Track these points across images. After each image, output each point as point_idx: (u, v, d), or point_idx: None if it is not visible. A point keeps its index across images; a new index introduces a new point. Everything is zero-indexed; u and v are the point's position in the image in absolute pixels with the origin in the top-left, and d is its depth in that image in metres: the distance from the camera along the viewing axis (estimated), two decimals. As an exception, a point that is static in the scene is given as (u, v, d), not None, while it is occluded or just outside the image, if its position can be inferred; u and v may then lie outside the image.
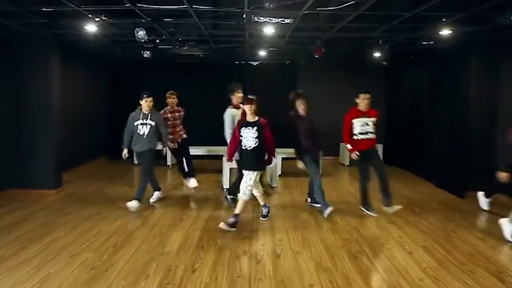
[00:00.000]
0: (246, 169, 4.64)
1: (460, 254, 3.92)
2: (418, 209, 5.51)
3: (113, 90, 9.66)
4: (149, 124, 5.37)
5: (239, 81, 9.46)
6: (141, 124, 5.38)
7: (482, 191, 5.45)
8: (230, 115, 5.39)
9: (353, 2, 4.16)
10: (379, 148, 8.97)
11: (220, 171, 6.73)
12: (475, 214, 5.28)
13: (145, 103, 5.39)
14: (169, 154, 8.61)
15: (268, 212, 5.06)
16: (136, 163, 8.79)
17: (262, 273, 3.52)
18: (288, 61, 9.60)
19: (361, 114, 5.20)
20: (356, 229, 4.67)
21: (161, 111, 6.01)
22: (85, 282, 3.27)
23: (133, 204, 5.21)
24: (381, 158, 5.78)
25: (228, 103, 5.60)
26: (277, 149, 8.13)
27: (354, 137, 5.13)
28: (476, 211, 5.40)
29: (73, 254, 3.84)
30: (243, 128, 4.57)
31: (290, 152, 8.39)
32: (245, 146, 4.59)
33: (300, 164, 5.28)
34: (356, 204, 5.62)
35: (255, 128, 4.54)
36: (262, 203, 5.03)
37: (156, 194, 5.78)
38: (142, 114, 5.43)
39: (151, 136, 5.37)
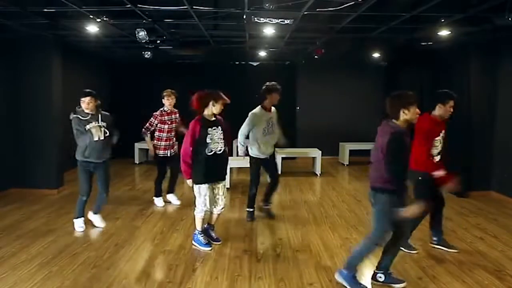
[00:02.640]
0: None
1: (459, 253, 3.94)
2: (418, 209, 5.52)
3: (114, 90, 9.68)
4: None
5: (239, 81, 9.58)
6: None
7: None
8: (255, 117, 4.89)
9: (352, 3, 4.18)
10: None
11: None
12: (474, 213, 5.30)
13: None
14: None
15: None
16: (137, 162, 8.84)
17: (262, 272, 3.55)
18: (288, 62, 9.63)
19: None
20: (355, 228, 4.69)
21: (156, 112, 5.46)
22: (86, 280, 3.30)
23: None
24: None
25: (262, 101, 5.10)
26: (277, 149, 8.20)
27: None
28: (475, 210, 5.42)
29: (75, 253, 3.87)
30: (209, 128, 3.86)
31: (290, 152, 8.49)
32: (211, 151, 3.85)
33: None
34: (355, 203, 5.64)
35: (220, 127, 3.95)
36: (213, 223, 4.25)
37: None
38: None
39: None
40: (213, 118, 3.93)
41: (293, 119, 9.80)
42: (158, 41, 6.41)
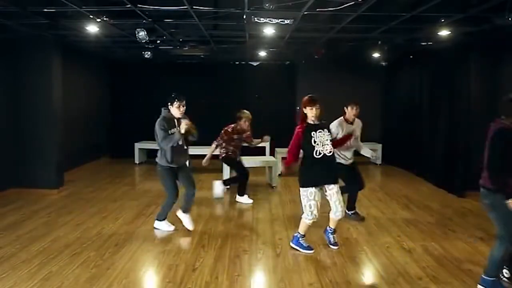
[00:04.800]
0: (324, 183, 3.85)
1: (459, 253, 3.94)
2: (417, 209, 5.53)
3: (114, 90, 9.70)
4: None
5: (239, 81, 9.58)
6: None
7: None
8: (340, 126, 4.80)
9: (352, 3, 4.18)
10: (379, 147, 9.02)
11: (220, 170, 6.76)
12: (474, 213, 5.30)
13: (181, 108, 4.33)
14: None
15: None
16: (137, 162, 8.84)
17: (262, 272, 3.55)
18: (288, 62, 9.63)
19: None
20: (355, 228, 4.69)
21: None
22: (86, 280, 3.30)
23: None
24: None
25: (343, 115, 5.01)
26: (276, 149, 8.22)
27: None
28: (475, 210, 5.42)
29: (75, 253, 3.87)
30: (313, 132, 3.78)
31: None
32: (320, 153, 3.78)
33: None
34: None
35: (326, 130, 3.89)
36: (334, 227, 4.12)
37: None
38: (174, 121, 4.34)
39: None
40: (317, 122, 3.86)
41: (293, 119, 9.78)
42: (158, 41, 6.42)
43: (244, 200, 5.78)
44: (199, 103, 9.09)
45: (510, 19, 4.20)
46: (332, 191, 3.84)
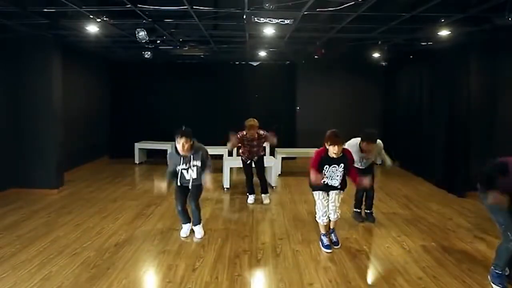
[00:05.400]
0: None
1: (459, 253, 3.95)
2: (417, 208, 5.53)
3: (114, 90, 9.69)
4: (195, 166, 4.25)
5: (239, 81, 9.58)
6: (186, 168, 4.24)
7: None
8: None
9: (352, 3, 4.18)
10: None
11: (220, 170, 6.76)
12: (474, 213, 5.30)
13: (179, 145, 4.09)
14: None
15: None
16: (137, 162, 8.84)
17: (262, 272, 3.55)
18: (288, 62, 9.63)
19: None
20: (355, 228, 4.69)
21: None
22: (86, 280, 3.30)
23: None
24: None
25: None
26: (277, 149, 8.22)
27: None
28: (475, 210, 5.42)
29: (75, 253, 3.87)
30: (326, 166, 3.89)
31: (290, 152, 8.49)
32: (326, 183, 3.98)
33: None
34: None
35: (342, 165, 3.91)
36: (333, 227, 4.24)
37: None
38: (182, 157, 4.19)
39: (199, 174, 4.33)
40: (334, 156, 3.85)
41: (293, 119, 9.80)
42: (158, 41, 6.42)
43: (249, 199, 5.85)
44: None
45: (510, 19, 4.20)
46: (335, 192, 4.03)
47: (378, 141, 4.79)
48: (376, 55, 7.39)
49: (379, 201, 5.91)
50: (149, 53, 7.29)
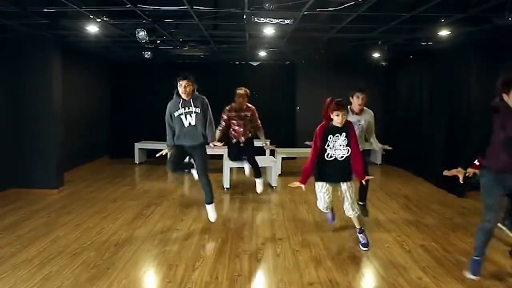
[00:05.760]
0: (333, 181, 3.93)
1: (459, 253, 3.94)
2: (417, 209, 5.53)
3: (114, 90, 9.69)
4: (194, 112, 4.25)
5: (239, 81, 9.55)
6: (184, 113, 4.25)
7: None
8: None
9: (352, 3, 4.18)
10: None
11: (220, 170, 6.76)
12: (475, 213, 5.30)
13: (180, 88, 4.16)
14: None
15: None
16: (137, 162, 8.84)
17: (262, 272, 3.55)
18: (288, 62, 9.63)
19: None
20: (355, 228, 4.68)
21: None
22: (86, 280, 3.30)
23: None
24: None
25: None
26: (277, 149, 8.21)
27: None
28: (475, 210, 5.42)
29: (75, 253, 3.87)
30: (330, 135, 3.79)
31: (290, 152, 8.49)
32: (331, 156, 3.82)
33: None
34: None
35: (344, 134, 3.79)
36: (358, 226, 4.12)
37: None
38: (181, 101, 4.22)
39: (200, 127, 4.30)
40: (338, 125, 3.76)
41: (293, 119, 9.80)
42: (158, 41, 6.42)
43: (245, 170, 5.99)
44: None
45: (510, 19, 4.20)
46: (345, 187, 3.88)
47: (370, 110, 4.81)
48: (376, 55, 7.40)
49: (379, 201, 5.91)
50: (149, 53, 7.30)
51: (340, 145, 3.78)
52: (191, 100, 4.21)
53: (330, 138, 3.77)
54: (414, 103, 8.03)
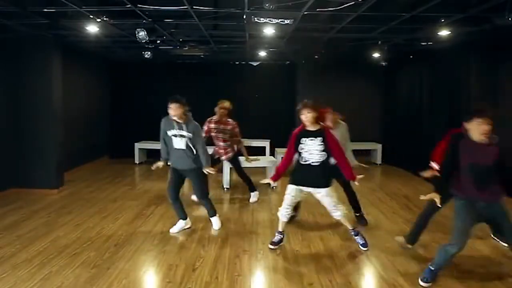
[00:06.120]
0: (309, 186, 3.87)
1: (459, 253, 3.94)
2: (417, 209, 5.51)
3: (114, 90, 9.69)
4: (186, 137, 4.27)
5: (239, 81, 9.58)
6: (177, 135, 4.30)
7: None
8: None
9: (352, 3, 4.18)
10: (378, 147, 9.03)
11: (220, 170, 6.76)
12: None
13: (170, 110, 4.20)
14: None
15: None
16: (137, 162, 8.84)
17: (262, 272, 3.55)
18: (288, 62, 9.63)
19: None
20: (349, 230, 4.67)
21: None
22: (86, 280, 3.30)
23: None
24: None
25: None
26: (276, 149, 8.22)
27: None
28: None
29: (75, 253, 3.87)
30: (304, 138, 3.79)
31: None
32: (306, 160, 3.81)
33: None
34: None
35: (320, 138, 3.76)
36: (350, 227, 4.07)
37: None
38: (175, 122, 4.27)
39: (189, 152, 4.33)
40: (313, 129, 3.80)
41: (293, 119, 9.79)
42: (158, 41, 6.42)
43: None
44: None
45: (510, 19, 4.20)
46: (319, 196, 3.85)
47: (343, 123, 4.88)
48: (376, 55, 7.39)
49: (379, 201, 5.91)
50: (149, 53, 7.29)
51: (316, 150, 3.74)
52: (184, 124, 4.24)
53: (305, 141, 3.76)
54: (414, 103, 8.03)
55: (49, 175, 6.19)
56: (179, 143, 4.28)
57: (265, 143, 8.79)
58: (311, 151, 3.75)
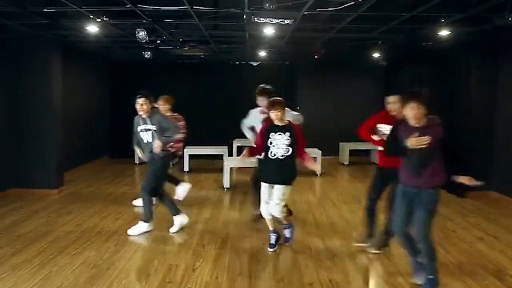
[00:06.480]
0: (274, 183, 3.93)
1: (459, 253, 3.94)
2: (418, 209, 5.52)
3: (114, 90, 9.69)
4: (151, 130, 4.40)
5: (239, 81, 9.58)
6: (143, 130, 4.45)
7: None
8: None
9: (352, 3, 4.18)
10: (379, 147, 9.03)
11: (220, 170, 6.76)
12: (474, 213, 5.30)
13: (137, 105, 4.43)
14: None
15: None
16: (137, 162, 8.84)
17: (262, 272, 3.55)
18: (288, 62, 9.63)
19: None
20: (355, 228, 4.68)
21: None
22: (86, 280, 3.30)
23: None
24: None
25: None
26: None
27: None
28: (475, 210, 5.43)
29: (75, 253, 3.87)
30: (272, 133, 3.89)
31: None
32: (274, 154, 3.88)
33: None
34: (356, 203, 5.64)
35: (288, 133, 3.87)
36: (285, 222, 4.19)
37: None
38: (141, 118, 4.48)
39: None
40: (281, 124, 3.91)
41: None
42: (158, 41, 6.42)
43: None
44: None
45: (510, 19, 4.20)
46: (274, 189, 3.90)
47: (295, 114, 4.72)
48: (376, 55, 7.39)
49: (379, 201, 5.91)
50: (149, 53, 7.30)
51: (283, 144, 3.86)
52: (148, 117, 4.39)
53: (272, 135, 3.86)
54: (414, 103, 8.01)
55: (49, 175, 6.19)
56: (146, 137, 4.42)
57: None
58: (279, 145, 3.87)
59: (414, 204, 3.04)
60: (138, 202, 5.25)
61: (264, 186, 3.97)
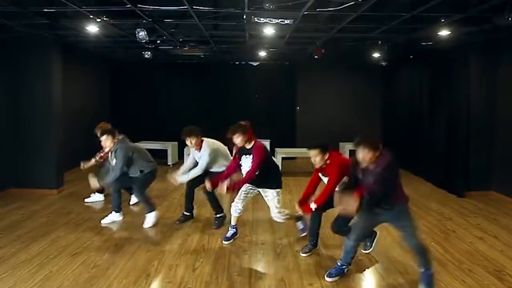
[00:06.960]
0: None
1: (459, 253, 3.95)
2: (417, 208, 5.52)
3: (114, 90, 9.69)
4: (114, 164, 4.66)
5: (239, 81, 9.58)
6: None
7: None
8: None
9: (352, 3, 4.18)
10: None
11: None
12: (474, 213, 5.30)
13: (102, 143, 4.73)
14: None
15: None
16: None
17: (262, 272, 3.55)
18: (288, 62, 9.63)
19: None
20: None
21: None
22: (86, 280, 3.30)
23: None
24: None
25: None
26: (276, 149, 8.21)
27: None
28: (475, 210, 5.43)
29: (75, 253, 3.87)
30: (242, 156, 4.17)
31: (290, 152, 8.49)
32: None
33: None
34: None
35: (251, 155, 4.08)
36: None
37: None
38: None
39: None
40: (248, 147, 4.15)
41: (293, 119, 9.80)
42: (158, 41, 6.42)
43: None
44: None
45: (510, 19, 4.20)
46: (267, 198, 4.20)
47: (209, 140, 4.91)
48: (376, 55, 7.39)
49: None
50: (149, 53, 7.29)
51: (248, 166, 4.07)
52: (111, 152, 4.69)
53: (242, 158, 4.14)
54: (414, 103, 8.03)
55: (49, 175, 6.19)
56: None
57: (265, 143, 8.79)
58: (245, 168, 4.10)
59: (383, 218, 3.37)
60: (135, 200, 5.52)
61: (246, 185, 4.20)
